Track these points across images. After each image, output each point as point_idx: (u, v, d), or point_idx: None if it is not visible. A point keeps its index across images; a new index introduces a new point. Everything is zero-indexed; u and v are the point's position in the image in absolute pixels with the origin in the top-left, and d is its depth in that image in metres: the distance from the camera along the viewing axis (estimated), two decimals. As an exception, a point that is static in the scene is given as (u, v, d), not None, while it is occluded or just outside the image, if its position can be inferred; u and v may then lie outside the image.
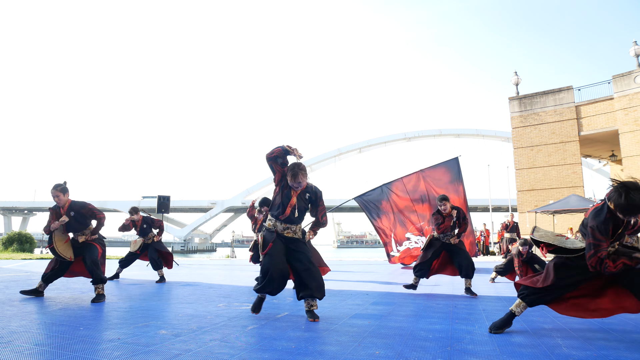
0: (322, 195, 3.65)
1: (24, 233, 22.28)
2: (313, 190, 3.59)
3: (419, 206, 6.26)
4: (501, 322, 3.00)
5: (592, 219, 2.68)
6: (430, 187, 6.25)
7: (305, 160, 37.88)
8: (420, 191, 6.27)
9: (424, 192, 6.25)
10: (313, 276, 3.41)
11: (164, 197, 13.51)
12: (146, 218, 6.99)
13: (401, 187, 6.25)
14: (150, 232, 7.02)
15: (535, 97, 19.48)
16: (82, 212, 4.55)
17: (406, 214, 6.32)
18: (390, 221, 6.32)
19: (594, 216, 2.69)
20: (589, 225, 2.70)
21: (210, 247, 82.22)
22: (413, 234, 6.29)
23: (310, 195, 3.56)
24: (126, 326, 3.13)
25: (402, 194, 6.25)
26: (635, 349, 2.55)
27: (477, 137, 64.65)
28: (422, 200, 6.25)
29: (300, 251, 3.50)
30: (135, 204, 74.08)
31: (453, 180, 6.25)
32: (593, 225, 2.65)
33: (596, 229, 2.63)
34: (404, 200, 6.35)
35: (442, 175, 6.25)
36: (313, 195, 3.58)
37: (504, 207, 38.20)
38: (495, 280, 6.90)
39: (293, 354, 2.40)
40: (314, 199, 3.59)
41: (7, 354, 2.34)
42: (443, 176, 6.22)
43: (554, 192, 18.01)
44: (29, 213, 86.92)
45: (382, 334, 2.92)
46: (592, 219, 2.68)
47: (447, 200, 4.92)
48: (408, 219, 6.27)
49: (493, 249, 19.76)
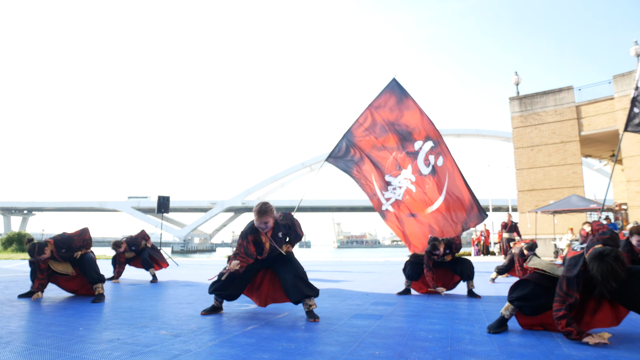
0: (297, 223, 3.62)
1: (24, 233, 22.28)
2: (286, 225, 3.52)
3: (384, 138, 6.04)
4: (496, 324, 3.03)
5: (567, 269, 2.73)
6: (384, 115, 6.04)
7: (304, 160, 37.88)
8: (379, 124, 6.07)
9: (382, 123, 6.05)
10: (300, 277, 3.47)
11: (163, 197, 13.47)
12: (129, 242, 7.06)
13: (360, 128, 6.08)
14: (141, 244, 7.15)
15: (535, 97, 19.46)
16: (71, 246, 4.58)
17: (376, 153, 6.05)
18: (366, 164, 6.12)
19: (569, 267, 2.73)
20: (562, 273, 2.75)
21: (210, 247, 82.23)
22: (392, 175, 5.95)
23: (282, 233, 3.50)
24: (126, 326, 3.13)
25: (364, 134, 6.06)
26: (635, 349, 2.55)
27: (477, 137, 64.61)
28: (384, 131, 6.03)
29: (281, 260, 3.55)
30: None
31: (400, 100, 5.99)
32: (565, 276, 2.70)
33: (565, 281, 2.68)
34: (369, 140, 6.10)
35: (388, 100, 6.02)
36: (285, 230, 3.53)
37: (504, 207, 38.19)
38: (495, 280, 6.90)
39: (293, 354, 2.40)
40: (288, 231, 3.55)
41: (7, 354, 2.33)
42: (389, 100, 6.00)
43: (554, 192, 17.99)
44: (29, 213, 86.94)
45: (382, 334, 2.92)
46: (567, 269, 2.73)
47: (439, 243, 4.78)
48: (379, 157, 6.04)
49: (493, 249, 19.75)
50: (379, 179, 5.98)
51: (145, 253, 7.03)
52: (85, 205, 79.54)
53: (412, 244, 5.61)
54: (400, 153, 5.90)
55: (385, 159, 5.94)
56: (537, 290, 2.89)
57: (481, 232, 19.65)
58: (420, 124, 5.86)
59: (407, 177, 5.77)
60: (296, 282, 3.43)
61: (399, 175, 5.83)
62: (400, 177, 5.82)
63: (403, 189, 5.79)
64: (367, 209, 78.49)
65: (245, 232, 3.40)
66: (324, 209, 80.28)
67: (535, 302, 2.88)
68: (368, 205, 75.08)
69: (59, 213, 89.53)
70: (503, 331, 2.99)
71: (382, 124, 6.02)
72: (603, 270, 2.51)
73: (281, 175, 70.92)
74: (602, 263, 2.52)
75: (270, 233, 3.43)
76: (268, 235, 3.42)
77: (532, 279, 2.96)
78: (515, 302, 2.97)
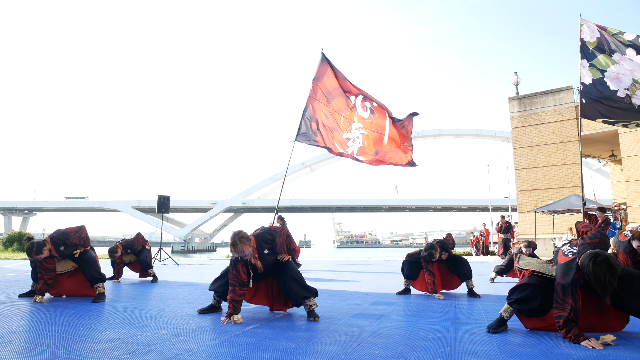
0: (276, 234, 3.58)
1: (24, 233, 22.28)
2: (268, 240, 3.51)
3: (332, 103, 6.66)
4: (496, 324, 3.04)
5: (561, 276, 2.73)
6: (326, 84, 6.67)
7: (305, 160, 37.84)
8: (325, 92, 6.67)
9: (327, 91, 6.67)
10: (295, 280, 3.51)
11: (164, 196, 13.43)
12: (125, 246, 7.06)
13: (312, 102, 6.63)
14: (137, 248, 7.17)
15: (535, 97, 19.48)
16: (67, 243, 4.55)
17: (330, 118, 6.65)
18: (325, 129, 6.61)
19: (563, 273, 2.73)
20: (556, 280, 2.76)
21: (210, 247, 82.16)
22: (347, 131, 6.59)
23: (267, 248, 3.51)
24: (127, 326, 3.14)
25: (317, 106, 6.65)
26: (635, 349, 2.56)
27: (477, 137, 64.64)
28: (330, 97, 6.67)
29: (278, 267, 3.58)
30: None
31: (331, 68, 6.65)
32: (560, 284, 2.71)
33: (560, 288, 2.70)
34: (323, 108, 6.68)
35: (325, 71, 6.62)
36: (269, 245, 3.52)
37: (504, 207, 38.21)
38: (495, 280, 6.90)
39: (293, 353, 2.40)
40: (272, 245, 3.54)
41: (7, 353, 2.34)
42: (325, 71, 6.62)
43: (553, 192, 18.00)
44: (29, 213, 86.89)
45: (382, 334, 2.93)
46: (561, 275, 2.73)
47: (435, 251, 4.80)
48: (334, 120, 6.64)
49: (493, 249, 19.77)
50: (340, 140, 6.60)
51: (143, 254, 7.01)
52: (85, 205, 79.54)
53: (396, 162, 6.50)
54: (347, 112, 6.65)
55: (338, 120, 6.66)
56: (535, 293, 2.91)
57: (480, 232, 19.68)
58: (348, 85, 6.73)
59: (357, 127, 6.62)
60: (293, 286, 3.48)
61: (351, 129, 6.62)
62: (353, 129, 6.61)
63: (360, 138, 6.58)
64: (367, 209, 78.54)
65: (234, 261, 3.42)
66: (324, 209, 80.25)
67: (534, 304, 2.90)
68: (368, 205, 75.17)
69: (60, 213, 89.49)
70: (502, 331, 3.00)
71: (327, 91, 6.72)
72: (598, 274, 2.50)
73: (281, 175, 70.90)
74: (597, 267, 2.52)
75: (256, 254, 3.45)
76: (254, 255, 3.44)
77: (530, 282, 2.97)
78: (513, 304, 2.98)
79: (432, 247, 4.82)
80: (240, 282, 3.38)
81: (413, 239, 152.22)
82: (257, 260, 3.47)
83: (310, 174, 70.21)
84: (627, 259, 4.23)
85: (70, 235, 4.58)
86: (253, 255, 3.43)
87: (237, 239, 3.26)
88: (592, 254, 2.58)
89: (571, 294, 2.64)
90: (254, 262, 3.46)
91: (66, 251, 4.55)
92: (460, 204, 70.27)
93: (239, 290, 3.37)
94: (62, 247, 4.51)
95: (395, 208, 77.34)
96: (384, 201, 75.00)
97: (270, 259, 3.53)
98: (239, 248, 3.26)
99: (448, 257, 5.06)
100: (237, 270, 3.38)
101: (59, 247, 4.48)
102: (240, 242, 3.26)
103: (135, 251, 7.08)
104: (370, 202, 74.93)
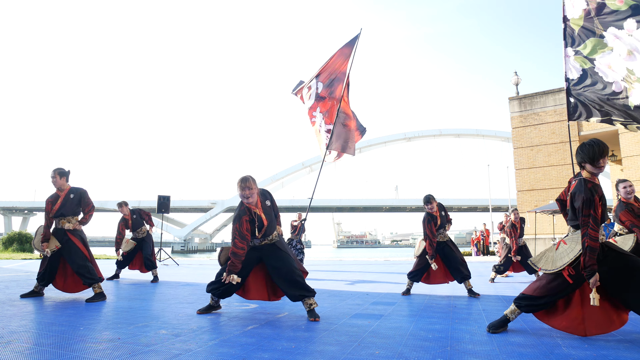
0: (269, 193, 3.77)
1: (24, 233, 22.24)
2: (265, 194, 3.67)
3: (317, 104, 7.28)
4: (497, 323, 3.03)
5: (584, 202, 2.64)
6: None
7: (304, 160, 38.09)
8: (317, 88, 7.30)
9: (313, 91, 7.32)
10: (294, 278, 3.49)
11: (164, 196, 13.39)
12: (134, 210, 7.06)
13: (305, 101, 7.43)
14: (143, 226, 7.13)
15: (535, 97, 19.48)
16: (79, 198, 4.68)
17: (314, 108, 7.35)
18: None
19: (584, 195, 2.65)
20: (582, 208, 2.65)
21: (210, 247, 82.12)
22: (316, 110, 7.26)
23: (269, 200, 3.68)
24: (126, 326, 3.13)
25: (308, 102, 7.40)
26: (635, 349, 2.55)
27: (477, 137, 64.62)
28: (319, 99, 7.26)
29: (278, 255, 3.59)
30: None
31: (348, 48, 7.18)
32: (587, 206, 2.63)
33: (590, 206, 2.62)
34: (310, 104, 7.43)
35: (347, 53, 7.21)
36: (270, 199, 3.70)
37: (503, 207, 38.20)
38: (495, 280, 6.90)
39: (293, 353, 2.40)
40: (272, 202, 3.73)
41: (7, 353, 2.34)
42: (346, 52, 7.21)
43: (554, 192, 17.99)
44: (29, 213, 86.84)
45: (382, 334, 2.93)
46: (584, 200, 2.64)
47: (433, 199, 4.97)
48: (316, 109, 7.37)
49: (493, 249, 19.77)
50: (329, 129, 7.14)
51: (148, 250, 6.96)
52: (85, 205, 79.38)
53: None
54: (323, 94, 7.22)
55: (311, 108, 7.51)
56: (543, 290, 2.88)
57: (481, 232, 19.68)
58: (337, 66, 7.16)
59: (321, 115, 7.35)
60: (291, 283, 3.48)
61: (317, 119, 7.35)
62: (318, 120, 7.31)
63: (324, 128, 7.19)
64: (367, 209, 78.53)
65: (239, 215, 3.47)
66: (324, 209, 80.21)
67: (541, 300, 2.87)
68: (368, 205, 75.18)
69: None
70: (503, 331, 3.00)
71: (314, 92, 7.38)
72: (591, 145, 2.71)
73: (281, 175, 70.84)
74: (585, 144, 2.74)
75: (260, 204, 3.55)
76: (258, 205, 3.53)
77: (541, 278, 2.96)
78: (521, 301, 2.95)
79: (431, 195, 4.97)
80: (241, 235, 3.42)
81: (413, 239, 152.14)
82: (262, 212, 3.53)
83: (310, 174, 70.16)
84: (631, 216, 4.01)
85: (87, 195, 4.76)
86: (257, 204, 3.51)
87: (247, 176, 3.48)
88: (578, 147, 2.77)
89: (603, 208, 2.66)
90: (259, 214, 3.51)
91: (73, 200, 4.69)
92: (461, 204, 70.26)
93: (239, 242, 3.41)
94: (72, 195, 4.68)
95: (395, 208, 77.34)
96: (384, 201, 75.01)
97: (270, 214, 3.61)
98: (249, 183, 3.42)
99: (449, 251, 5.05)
100: (241, 224, 3.43)
101: (70, 195, 4.68)
102: (250, 179, 3.46)
103: (140, 218, 7.09)
104: (370, 202, 74.94)
